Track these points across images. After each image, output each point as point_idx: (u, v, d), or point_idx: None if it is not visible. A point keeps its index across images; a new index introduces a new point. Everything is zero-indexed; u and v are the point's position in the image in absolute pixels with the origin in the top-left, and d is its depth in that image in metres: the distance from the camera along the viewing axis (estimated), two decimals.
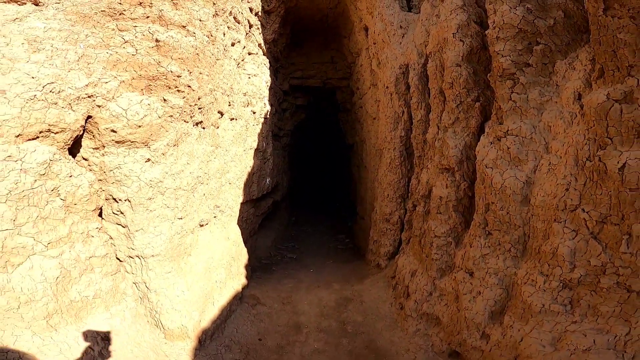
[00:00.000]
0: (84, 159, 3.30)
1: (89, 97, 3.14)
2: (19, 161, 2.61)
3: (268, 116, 8.58)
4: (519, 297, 3.44)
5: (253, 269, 7.56)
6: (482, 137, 3.83)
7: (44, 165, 2.70)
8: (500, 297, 3.75)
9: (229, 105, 5.86)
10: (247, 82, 7.14)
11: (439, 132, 4.63)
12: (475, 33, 4.43)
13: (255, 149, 7.69)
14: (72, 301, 2.85)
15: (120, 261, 3.90)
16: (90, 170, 3.29)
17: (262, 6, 8.07)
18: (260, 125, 7.93)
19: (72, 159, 3.16)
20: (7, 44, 2.93)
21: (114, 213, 3.49)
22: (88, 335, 2.96)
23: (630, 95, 2.46)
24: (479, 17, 4.55)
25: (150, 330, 4.14)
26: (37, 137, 2.74)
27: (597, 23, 2.65)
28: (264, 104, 8.16)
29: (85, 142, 3.30)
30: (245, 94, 6.94)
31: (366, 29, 9.02)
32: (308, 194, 17.12)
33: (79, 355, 2.93)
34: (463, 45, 4.44)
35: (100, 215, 3.76)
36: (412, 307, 5.28)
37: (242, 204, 7.13)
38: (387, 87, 7.00)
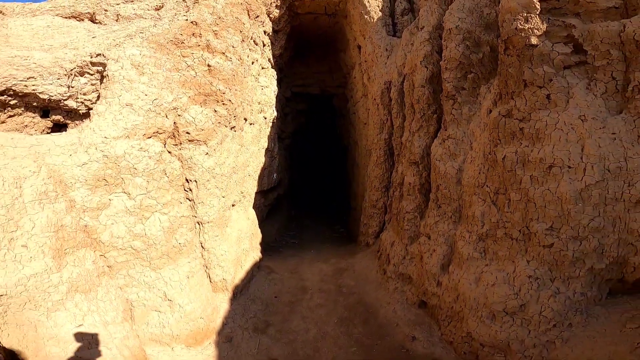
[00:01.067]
0: (168, 152, 4.84)
1: (174, 109, 4.67)
2: (146, 151, 4.16)
3: (275, 121, 9.96)
4: (456, 250, 4.64)
5: (263, 249, 9.04)
6: (435, 140, 5.40)
7: (158, 154, 4.25)
8: (446, 252, 4.98)
9: (250, 113, 7.41)
10: (261, 93, 8.64)
11: (410, 135, 6.19)
12: (437, 61, 5.68)
13: (266, 149, 9.13)
14: (173, 246, 4.37)
15: None
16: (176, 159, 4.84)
17: (272, 27, 9.53)
18: (269, 129, 9.40)
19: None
20: (122, 67, 4.44)
21: (185, 190, 5.02)
22: (179, 272, 4.46)
23: (510, 112, 3.90)
24: (441, 48, 5.64)
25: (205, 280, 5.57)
26: (152, 136, 4.29)
27: (501, 59, 3.92)
28: (273, 110, 9.57)
29: (169, 140, 4.85)
30: (259, 103, 8.45)
31: (359, 47, 10.23)
32: (308, 197, 17.40)
33: (175, 286, 4.39)
34: (427, 71, 5.78)
35: None
36: (391, 270, 6.69)
37: (256, 193, 8.62)
38: (374, 99, 8.50)
